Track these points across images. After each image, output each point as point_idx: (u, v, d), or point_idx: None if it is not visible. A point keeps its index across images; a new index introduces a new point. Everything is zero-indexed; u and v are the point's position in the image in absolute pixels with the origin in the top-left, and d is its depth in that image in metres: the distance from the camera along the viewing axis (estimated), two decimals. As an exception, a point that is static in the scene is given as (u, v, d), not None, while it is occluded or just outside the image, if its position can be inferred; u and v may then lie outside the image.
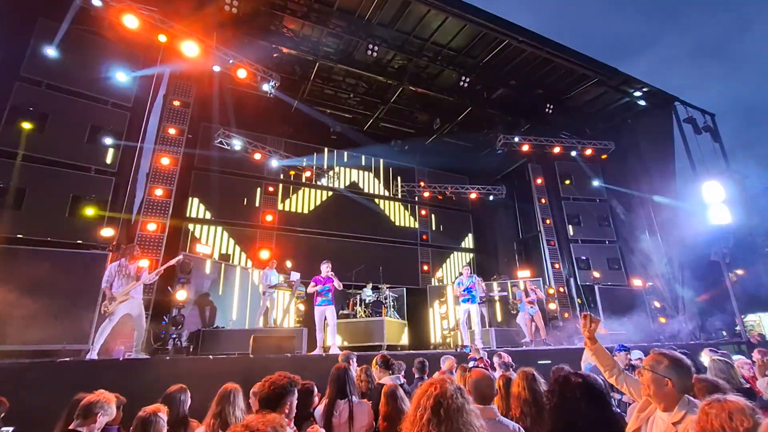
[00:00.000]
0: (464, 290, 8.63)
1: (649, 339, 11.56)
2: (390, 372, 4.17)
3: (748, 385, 4.05)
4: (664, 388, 1.97)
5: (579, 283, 13.14)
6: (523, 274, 13.51)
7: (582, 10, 65.08)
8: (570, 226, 13.93)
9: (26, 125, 7.79)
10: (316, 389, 3.20)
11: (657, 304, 12.69)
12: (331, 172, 14.48)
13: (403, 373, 4.57)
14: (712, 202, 11.37)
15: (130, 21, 8.18)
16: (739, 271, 14.77)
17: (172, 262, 6.95)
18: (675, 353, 2.09)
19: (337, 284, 7.66)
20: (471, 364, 5.03)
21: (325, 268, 7.68)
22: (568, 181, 14.62)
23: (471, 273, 9.05)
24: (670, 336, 11.92)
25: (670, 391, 1.96)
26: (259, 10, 10.06)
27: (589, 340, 2.55)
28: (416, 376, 4.62)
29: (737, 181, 11.26)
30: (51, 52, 8.17)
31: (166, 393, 3.28)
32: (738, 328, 11.13)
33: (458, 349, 8.42)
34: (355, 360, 4.88)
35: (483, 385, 2.61)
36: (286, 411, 2.38)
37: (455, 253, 16.44)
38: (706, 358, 4.67)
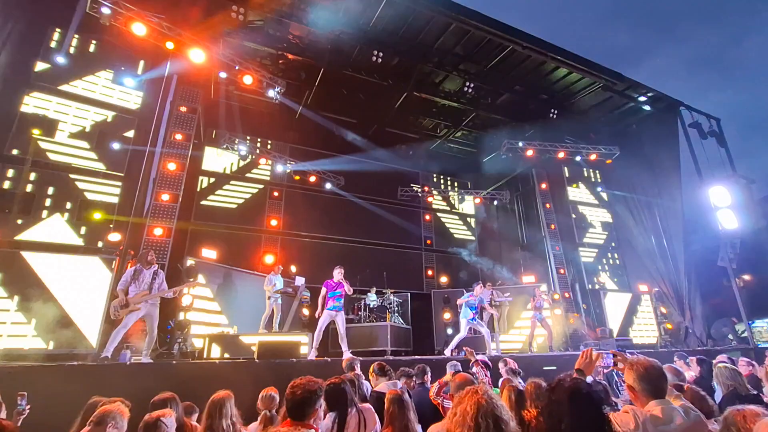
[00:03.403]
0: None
1: (656, 345, 11.49)
2: (386, 378, 4.16)
3: (755, 392, 4.03)
4: (633, 394, 2.23)
5: (585, 288, 13.08)
6: (528, 279, 13.46)
7: (576, 21, 65.06)
8: (576, 231, 13.89)
9: (36, 131, 7.91)
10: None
11: (663, 310, 12.61)
12: (335, 177, 14.54)
13: (414, 379, 4.54)
14: (718, 207, 11.29)
15: (139, 29, 8.29)
16: (746, 277, 14.65)
17: (186, 286, 7.14)
18: (643, 361, 2.27)
19: (348, 289, 7.60)
20: (472, 368, 5.02)
21: (337, 273, 7.63)
22: (575, 185, 14.59)
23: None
24: (677, 342, 11.84)
25: (639, 397, 2.20)
26: (266, 17, 10.16)
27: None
28: (417, 381, 4.59)
29: (743, 186, 11.18)
30: (61, 59, 8.32)
31: (154, 402, 3.21)
32: (745, 333, 11.01)
33: (453, 354, 8.41)
34: (358, 365, 4.88)
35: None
36: (315, 417, 2.35)
37: (459, 257, 16.41)
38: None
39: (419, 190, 15.95)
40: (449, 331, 12.33)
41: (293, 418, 2.29)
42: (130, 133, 8.93)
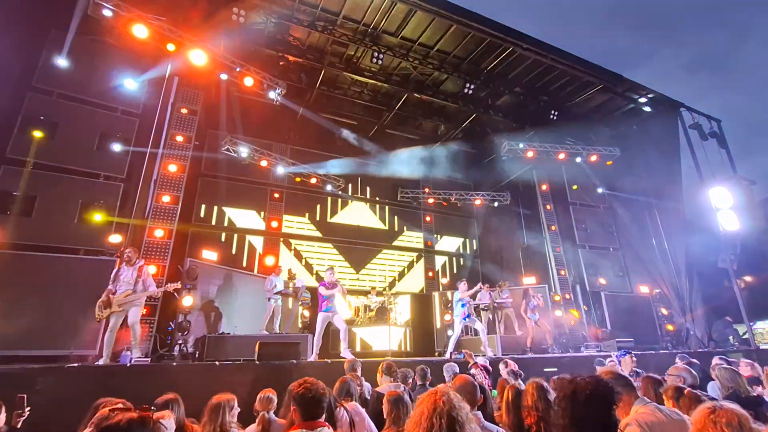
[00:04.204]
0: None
1: (657, 347, 11.46)
2: (391, 379, 4.18)
3: (755, 394, 4.02)
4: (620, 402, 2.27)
5: (585, 289, 13.05)
6: (529, 280, 13.45)
7: (576, 24, 65.13)
8: (577, 232, 13.88)
9: (37, 134, 7.95)
10: None
11: (664, 312, 12.57)
12: (335, 179, 14.54)
13: (410, 381, 4.55)
14: (719, 209, 11.28)
15: (140, 30, 8.32)
16: (747, 278, 14.62)
17: (171, 287, 6.66)
18: (613, 371, 2.42)
19: (341, 290, 7.61)
20: (471, 371, 5.02)
21: (329, 275, 7.64)
22: (575, 187, 14.58)
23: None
24: (678, 343, 11.81)
25: (625, 401, 2.28)
26: (267, 19, 10.20)
27: None
28: (418, 383, 4.60)
29: (744, 188, 11.16)
30: (62, 62, 8.35)
31: (157, 403, 3.17)
32: (746, 335, 10.99)
33: (452, 357, 8.39)
34: (360, 367, 4.88)
35: (467, 391, 2.63)
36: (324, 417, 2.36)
37: (460, 259, 16.41)
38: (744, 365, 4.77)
39: (419, 191, 15.94)
40: (449, 332, 12.32)
41: (307, 418, 2.28)
42: (131, 135, 8.96)
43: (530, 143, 13.41)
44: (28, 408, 3.22)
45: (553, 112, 13.55)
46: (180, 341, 7.92)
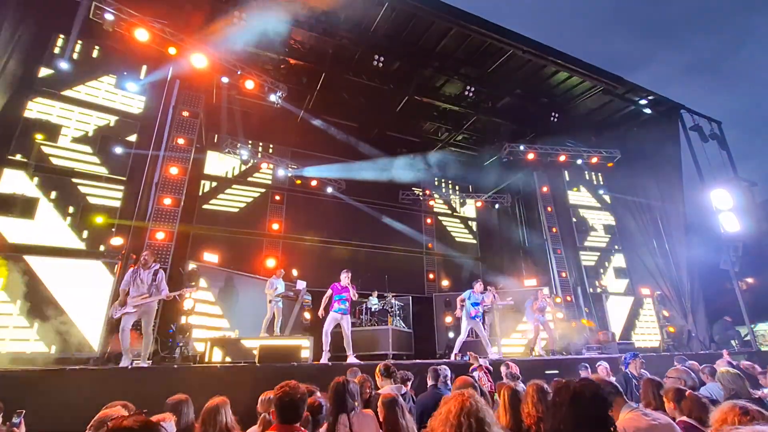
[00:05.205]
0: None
1: (658, 348, 11.45)
2: (391, 381, 4.16)
3: (757, 396, 4.02)
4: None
5: (587, 291, 13.04)
6: (530, 282, 13.44)
7: (576, 28, 65.00)
8: (578, 234, 13.87)
9: (39, 136, 7.98)
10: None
11: (666, 313, 12.55)
12: (336, 181, 14.55)
13: (410, 384, 4.53)
14: (720, 210, 11.28)
15: (141, 34, 8.37)
16: (749, 280, 14.60)
17: (186, 291, 7.01)
18: (600, 378, 2.42)
19: (353, 294, 7.57)
20: (474, 373, 5.01)
21: (345, 277, 7.59)
22: (575, 189, 14.59)
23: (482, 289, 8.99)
24: (680, 345, 11.78)
25: (614, 407, 2.35)
26: (268, 22, 10.22)
27: None
28: (430, 383, 4.57)
29: (745, 189, 11.17)
30: (64, 65, 8.40)
31: (167, 403, 3.18)
32: (748, 337, 10.97)
33: (456, 359, 8.37)
34: (359, 374, 4.87)
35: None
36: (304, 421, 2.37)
37: (461, 261, 16.39)
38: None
39: (420, 193, 15.94)
40: (450, 334, 12.31)
41: (282, 421, 2.29)
42: (133, 138, 8.99)
43: (531, 145, 13.43)
44: (23, 427, 3.15)
45: (553, 114, 13.56)
46: (181, 343, 7.93)
